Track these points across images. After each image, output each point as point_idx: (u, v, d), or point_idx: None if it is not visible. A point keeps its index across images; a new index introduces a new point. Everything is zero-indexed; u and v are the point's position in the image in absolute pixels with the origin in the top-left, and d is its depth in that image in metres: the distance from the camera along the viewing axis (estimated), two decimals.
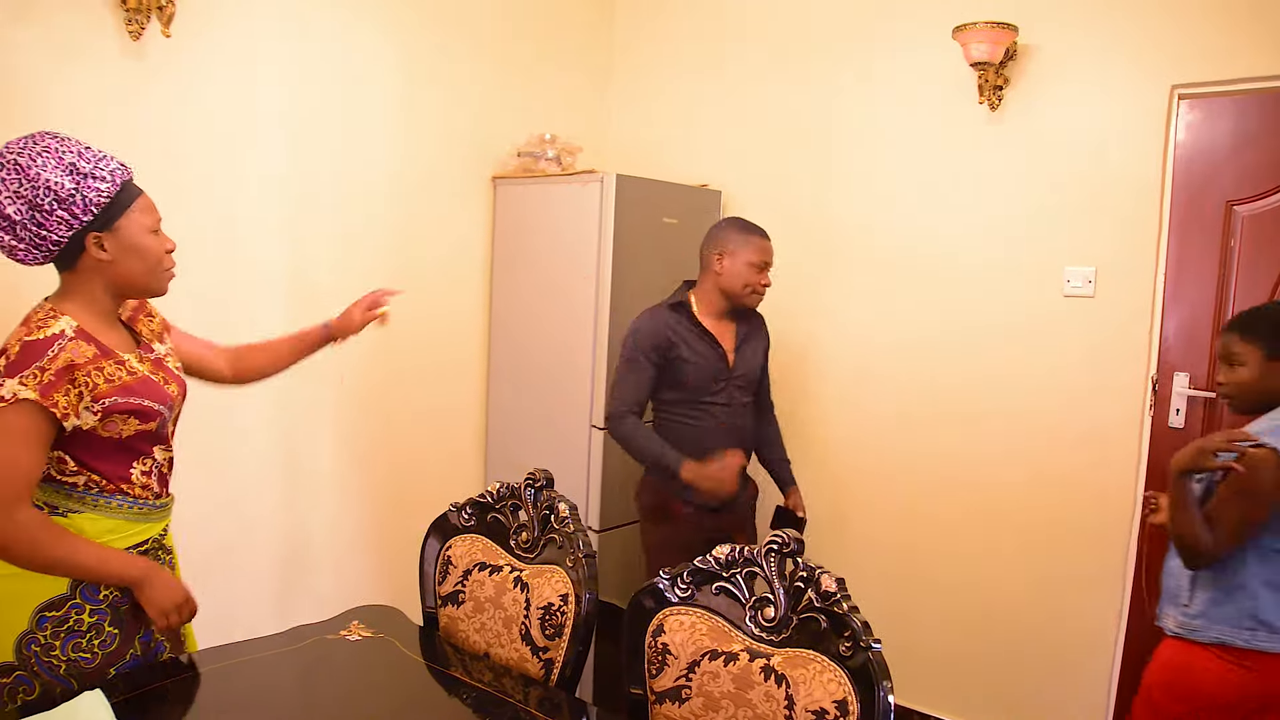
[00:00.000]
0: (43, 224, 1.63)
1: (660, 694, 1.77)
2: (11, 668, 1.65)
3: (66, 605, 1.69)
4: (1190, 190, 2.88)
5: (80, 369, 1.64)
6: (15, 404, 1.57)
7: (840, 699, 1.54)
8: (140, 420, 1.73)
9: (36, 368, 1.59)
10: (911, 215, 3.36)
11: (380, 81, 3.16)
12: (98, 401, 1.66)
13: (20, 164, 1.61)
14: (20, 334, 1.65)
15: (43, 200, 1.61)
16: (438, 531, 2.26)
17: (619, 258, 3.26)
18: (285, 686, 1.89)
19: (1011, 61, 3.10)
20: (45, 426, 1.61)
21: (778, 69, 3.66)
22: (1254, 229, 2.79)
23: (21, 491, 1.60)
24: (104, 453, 1.71)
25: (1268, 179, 2.76)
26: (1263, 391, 2.12)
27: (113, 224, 1.69)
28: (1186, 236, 2.89)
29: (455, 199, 3.47)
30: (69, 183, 1.62)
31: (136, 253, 1.73)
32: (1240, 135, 2.80)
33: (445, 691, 1.93)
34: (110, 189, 1.67)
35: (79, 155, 1.65)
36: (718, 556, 1.74)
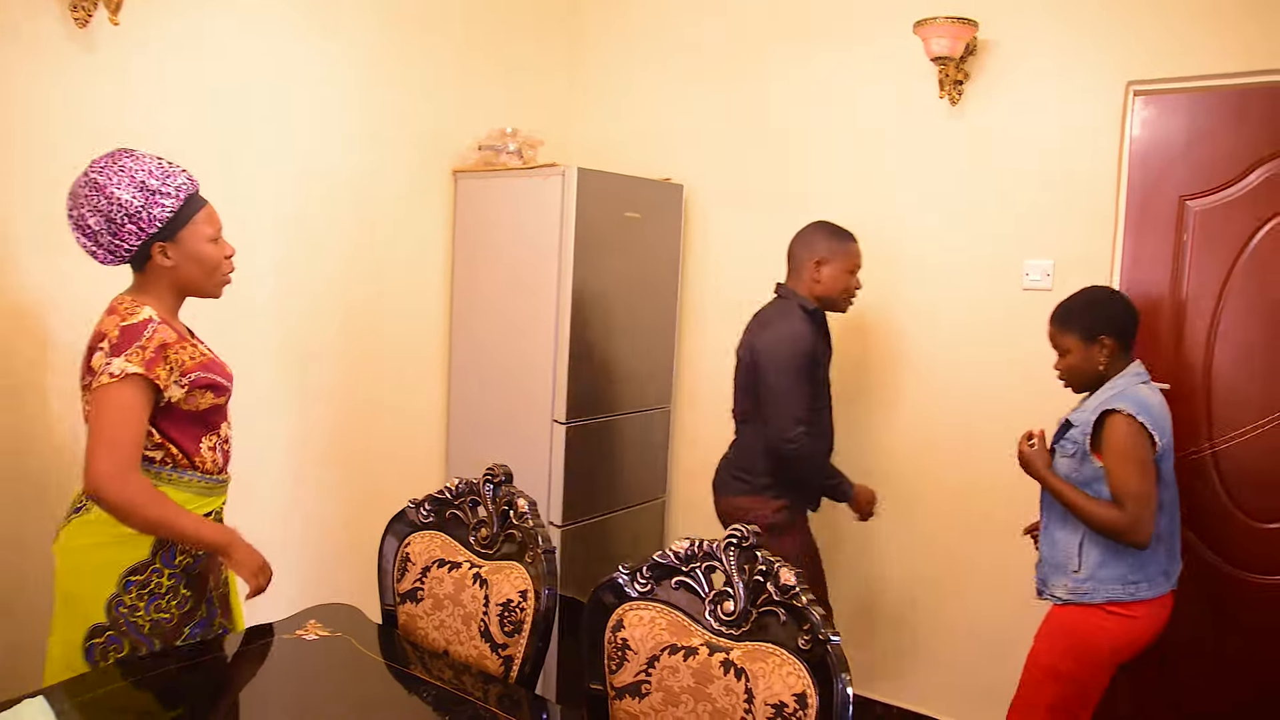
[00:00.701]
0: (116, 234, 1.87)
1: (620, 689, 1.76)
2: (104, 628, 1.87)
3: (148, 570, 1.91)
4: (1145, 185, 2.92)
5: (170, 347, 1.88)
6: (125, 379, 1.80)
7: (799, 692, 1.54)
8: (215, 394, 1.97)
9: (137, 347, 1.83)
10: (873, 209, 3.37)
11: (338, 73, 3.12)
12: (185, 376, 1.90)
13: (98, 182, 1.85)
14: (115, 322, 1.87)
15: (116, 214, 1.85)
16: (396, 528, 2.23)
17: (581, 252, 3.25)
18: (240, 687, 1.87)
19: (972, 56, 3.12)
20: (149, 397, 1.85)
21: (741, 63, 3.65)
22: (1205, 224, 2.83)
23: (135, 458, 1.83)
24: (182, 426, 1.94)
25: (1219, 175, 2.80)
26: (1089, 371, 2.40)
27: (175, 234, 1.92)
28: (1141, 231, 2.93)
29: (415, 193, 3.43)
30: (138, 199, 1.85)
31: (196, 260, 1.96)
32: (1193, 132, 2.84)
33: (405, 690, 1.92)
34: (175, 204, 1.90)
35: (149, 173, 1.88)
36: (677, 551, 1.74)
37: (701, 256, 3.79)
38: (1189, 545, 2.86)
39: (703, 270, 3.79)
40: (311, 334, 3.11)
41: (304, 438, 3.13)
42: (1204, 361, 2.85)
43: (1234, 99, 2.78)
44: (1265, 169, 2.73)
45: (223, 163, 2.81)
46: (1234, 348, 2.81)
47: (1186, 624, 2.66)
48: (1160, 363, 2.90)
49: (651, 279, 3.64)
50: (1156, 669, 2.80)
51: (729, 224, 3.72)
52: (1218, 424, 2.85)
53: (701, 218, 3.78)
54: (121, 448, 1.81)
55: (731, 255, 3.70)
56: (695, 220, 3.80)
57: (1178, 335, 2.89)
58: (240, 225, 2.85)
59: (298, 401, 3.10)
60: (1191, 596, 2.63)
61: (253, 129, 2.89)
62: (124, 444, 1.81)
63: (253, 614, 2.18)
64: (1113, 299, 2.46)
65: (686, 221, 3.79)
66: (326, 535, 3.23)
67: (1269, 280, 2.75)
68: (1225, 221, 2.80)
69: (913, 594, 3.36)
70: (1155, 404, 2.32)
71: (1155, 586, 2.34)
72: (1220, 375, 2.83)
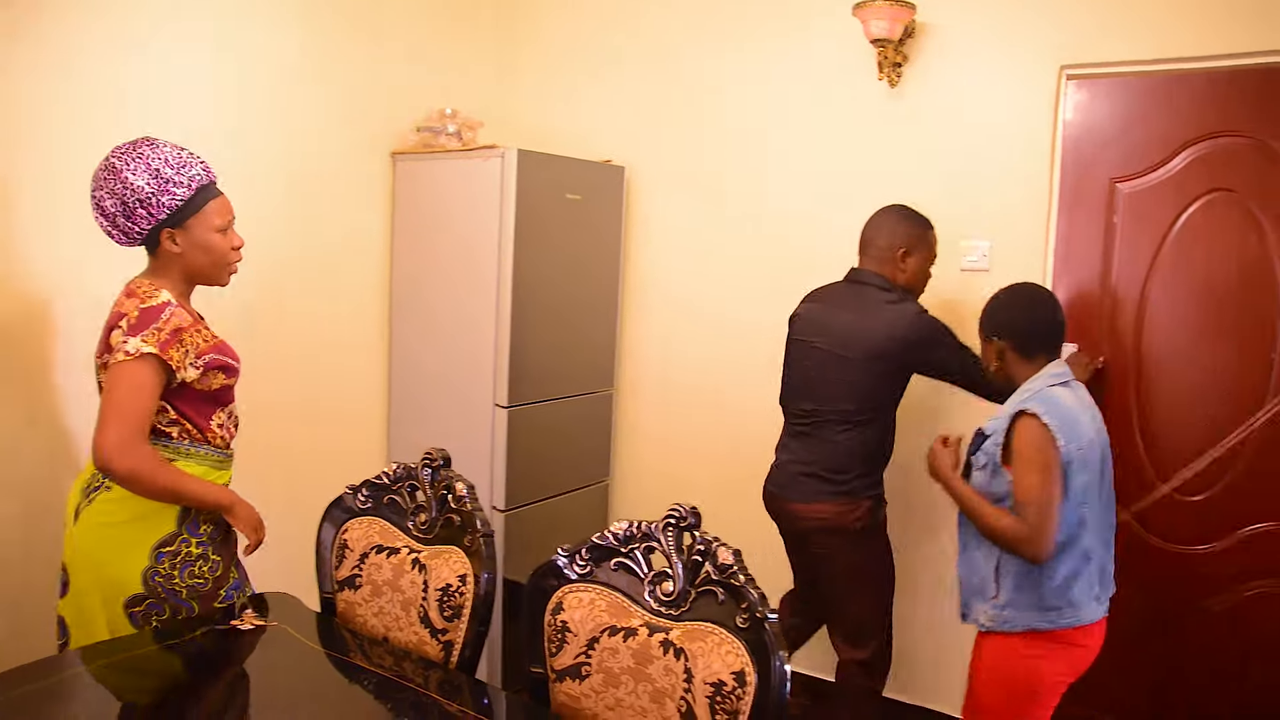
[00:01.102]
0: (129, 217, 1.96)
1: (560, 672, 1.76)
2: (143, 598, 1.97)
3: (177, 540, 2.01)
4: (1078, 167, 2.97)
5: (185, 331, 1.97)
6: (140, 358, 1.90)
7: (738, 670, 1.55)
8: (226, 375, 2.07)
9: (154, 329, 1.92)
10: (813, 190, 3.39)
11: (273, 52, 3.04)
12: (200, 358, 1.99)
13: (116, 166, 1.96)
14: (135, 304, 1.96)
15: (129, 199, 1.94)
16: (334, 515, 2.21)
17: (521, 234, 3.22)
18: (173, 681, 1.83)
19: (910, 39, 3.14)
20: (161, 377, 1.94)
21: (681, 44, 3.64)
22: (1134, 205, 2.89)
23: (144, 428, 1.92)
24: (195, 403, 2.04)
25: (1148, 158, 2.86)
26: (1001, 372, 2.34)
27: (184, 222, 2.01)
28: (1073, 212, 2.98)
29: (353, 175, 3.37)
30: (151, 186, 1.95)
31: (203, 248, 2.05)
32: (1123, 115, 2.90)
33: (345, 678, 1.90)
34: (186, 193, 1.99)
35: (165, 162, 1.98)
36: (615, 532, 1.74)
37: (643, 239, 3.79)
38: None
39: (645, 253, 3.79)
40: (248, 318, 3.03)
41: (240, 424, 3.06)
42: (1134, 340, 2.91)
43: (1162, 84, 2.84)
44: (1190, 152, 2.79)
45: None
46: (1161, 325, 2.87)
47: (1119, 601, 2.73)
48: (1094, 342, 2.97)
49: (593, 262, 3.63)
50: None
51: (671, 206, 3.72)
52: (1144, 399, 2.91)
53: (643, 200, 3.77)
54: (130, 420, 1.89)
55: (673, 237, 3.70)
56: (637, 202, 3.79)
57: (1111, 315, 2.94)
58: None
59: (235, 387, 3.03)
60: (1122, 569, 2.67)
61: (186, 111, 2.81)
62: (132, 417, 1.89)
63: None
64: (1013, 300, 2.33)
65: (628, 204, 3.78)
66: (265, 524, 3.17)
67: (1193, 259, 2.81)
68: (1154, 203, 2.86)
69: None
70: (1069, 406, 2.16)
71: (1081, 613, 2.15)
72: (1149, 352, 2.89)
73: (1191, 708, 2.89)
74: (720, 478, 3.62)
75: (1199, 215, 2.80)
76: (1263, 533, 2.77)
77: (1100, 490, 2.20)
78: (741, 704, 1.53)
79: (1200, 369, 2.83)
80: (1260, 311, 2.74)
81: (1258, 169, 2.71)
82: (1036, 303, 2.32)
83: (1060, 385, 2.21)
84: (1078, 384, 2.27)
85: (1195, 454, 2.84)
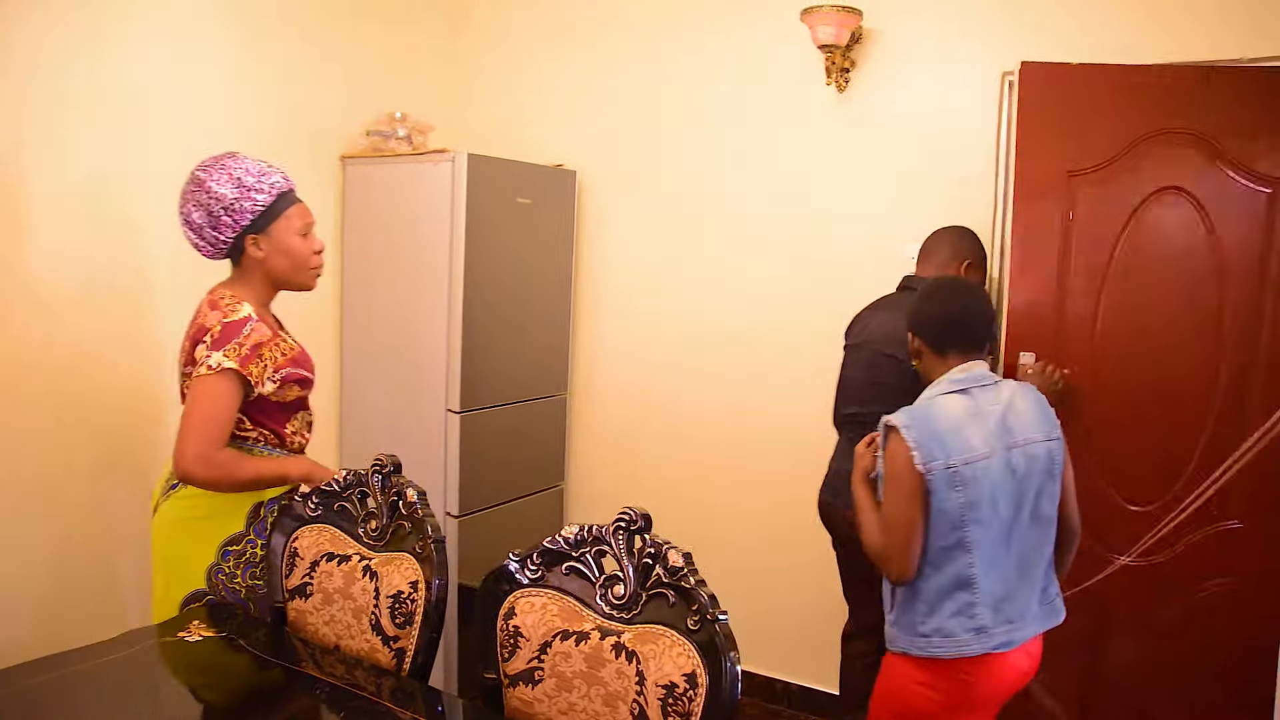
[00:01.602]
0: (215, 226, 2.08)
1: (513, 677, 1.76)
2: (204, 594, 2.10)
3: (244, 540, 2.13)
4: (1024, 169, 2.97)
5: (265, 346, 2.06)
6: (221, 372, 2.00)
7: (689, 671, 1.56)
8: (301, 387, 2.17)
9: (235, 344, 2.01)
10: (764, 194, 3.42)
11: (217, 53, 3.00)
12: (277, 372, 2.08)
13: (201, 179, 2.08)
14: (218, 317, 2.06)
15: (214, 208, 2.06)
16: (284, 523, 2.18)
17: (472, 238, 3.21)
18: (119, 696, 1.77)
19: (858, 45, 3.18)
20: (240, 390, 2.04)
21: (632, 49, 3.66)
22: (1086, 205, 2.83)
23: (221, 438, 2.02)
24: (272, 412, 2.14)
25: (1093, 158, 2.82)
26: (922, 370, 2.18)
27: (266, 227, 2.11)
28: (1023, 212, 2.91)
29: (302, 179, 3.24)
30: (233, 193, 2.06)
31: (285, 252, 2.14)
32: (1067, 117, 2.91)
33: (297, 688, 1.87)
34: (267, 199, 2.09)
35: (246, 171, 2.09)
36: (566, 536, 1.74)
37: (595, 243, 3.79)
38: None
39: (596, 257, 3.79)
40: None
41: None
42: (1088, 341, 2.86)
43: (1105, 87, 2.86)
44: (1138, 150, 2.76)
45: (101, 150, 2.70)
46: (1112, 326, 2.83)
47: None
48: (1045, 344, 2.87)
49: (545, 266, 3.63)
50: None
51: (622, 209, 3.73)
52: (1098, 405, 2.84)
53: (594, 204, 3.78)
54: (209, 432, 1.99)
55: (625, 240, 3.71)
56: (588, 206, 3.79)
57: (1061, 315, 2.89)
58: (122, 213, 2.76)
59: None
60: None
61: (132, 114, 2.76)
62: (212, 428, 2.00)
63: (139, 618, 2.11)
64: (928, 293, 2.20)
65: (579, 208, 3.78)
66: None
67: (1142, 259, 2.79)
68: (1105, 202, 2.82)
69: (809, 570, 3.42)
70: (948, 417, 1.99)
71: (955, 644, 1.96)
72: (1100, 354, 2.85)
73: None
74: (675, 479, 3.64)
75: (1151, 206, 2.78)
76: (1218, 533, 2.76)
77: (997, 513, 1.96)
78: (693, 705, 1.54)
79: (1150, 369, 2.81)
80: (1205, 310, 2.74)
81: (1198, 169, 2.72)
82: (948, 296, 2.16)
83: (954, 392, 2.03)
84: (990, 390, 2.05)
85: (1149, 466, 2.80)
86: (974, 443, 1.96)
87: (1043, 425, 2.06)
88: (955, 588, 1.96)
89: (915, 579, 1.99)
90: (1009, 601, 1.99)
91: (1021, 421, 2.02)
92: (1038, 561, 2.06)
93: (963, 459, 1.94)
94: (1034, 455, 2.01)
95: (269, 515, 2.15)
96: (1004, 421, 2.00)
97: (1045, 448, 2.03)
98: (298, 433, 2.23)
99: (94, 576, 2.77)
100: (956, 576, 1.96)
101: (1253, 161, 2.69)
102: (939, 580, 1.97)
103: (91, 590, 2.75)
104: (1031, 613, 2.04)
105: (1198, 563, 2.79)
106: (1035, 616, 2.06)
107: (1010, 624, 1.99)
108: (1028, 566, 2.04)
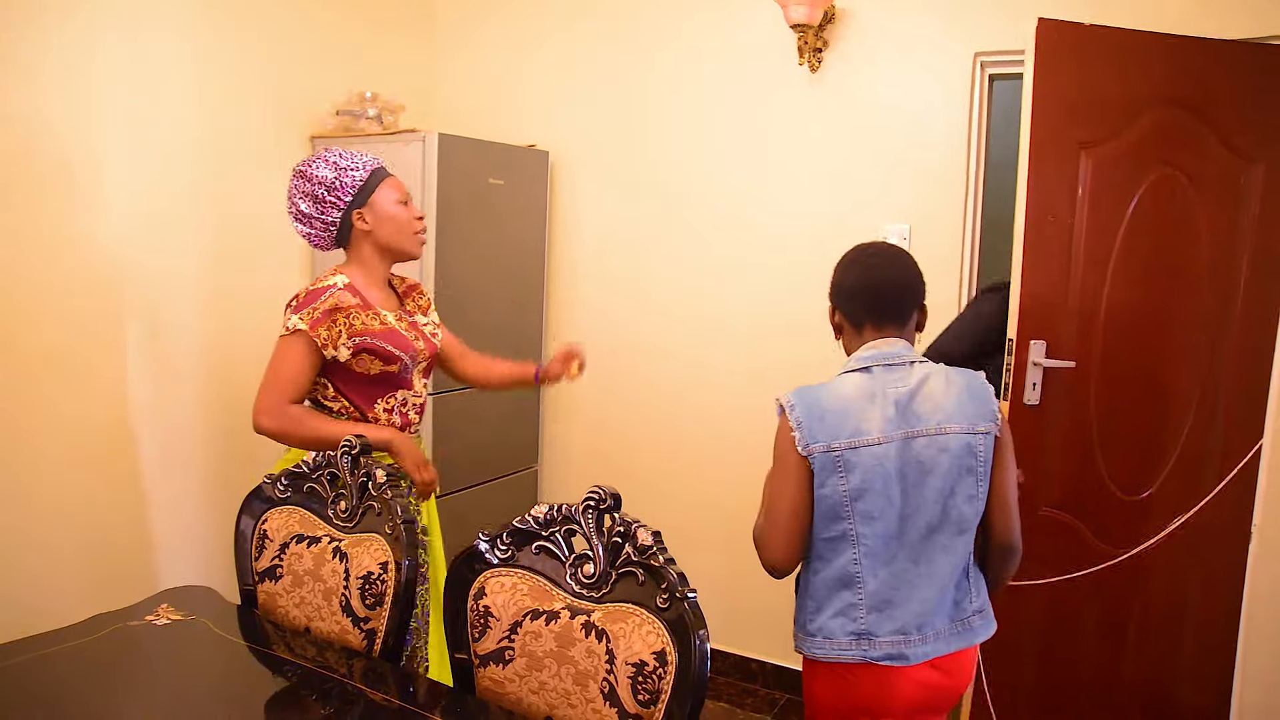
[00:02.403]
0: (323, 211, 2.22)
1: (484, 657, 1.76)
2: None
3: None
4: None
5: (342, 311, 2.17)
6: (293, 333, 2.15)
7: (659, 650, 1.56)
8: (383, 362, 2.22)
9: (310, 308, 2.15)
10: (735, 175, 3.42)
11: (184, 32, 2.95)
12: (351, 339, 2.17)
13: (303, 171, 2.22)
14: (307, 285, 2.24)
15: (318, 191, 2.20)
16: (252, 505, 2.16)
17: (443, 219, 3.19)
18: (84, 682, 1.75)
19: (830, 24, 3.18)
20: (310, 351, 2.16)
21: (603, 29, 3.63)
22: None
23: (291, 393, 2.16)
24: (355, 385, 2.23)
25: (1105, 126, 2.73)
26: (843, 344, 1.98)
27: (368, 200, 2.23)
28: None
29: (271, 160, 3.29)
30: (332, 173, 2.20)
31: (389, 220, 2.26)
32: None
33: (269, 671, 1.86)
34: (362, 175, 2.23)
35: (339, 155, 2.24)
36: (536, 516, 1.73)
37: (568, 224, 3.78)
38: (1070, 529, 2.79)
39: (569, 237, 3.78)
40: (165, 307, 2.97)
41: (158, 414, 2.99)
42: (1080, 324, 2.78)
43: None
44: (1118, 135, 2.78)
45: (66, 135, 2.65)
46: (1097, 309, 2.79)
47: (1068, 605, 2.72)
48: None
49: (517, 247, 3.61)
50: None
51: (594, 190, 3.71)
52: (1103, 394, 2.78)
53: (568, 184, 3.76)
54: (276, 388, 2.15)
55: (598, 221, 3.70)
56: (561, 187, 3.77)
57: None
58: (90, 198, 2.72)
59: (152, 376, 2.96)
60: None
61: (96, 94, 2.72)
62: (279, 384, 2.15)
63: (108, 604, 2.08)
64: (848, 263, 1.96)
65: (552, 188, 3.77)
66: (182, 515, 3.10)
67: (1117, 242, 2.77)
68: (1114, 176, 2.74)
69: None
70: (840, 396, 1.81)
71: (834, 648, 1.80)
72: (1084, 335, 2.77)
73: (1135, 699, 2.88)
74: (649, 459, 3.64)
75: (1147, 198, 2.72)
76: (1194, 523, 2.75)
77: (891, 506, 1.78)
78: (663, 683, 1.54)
79: (1149, 356, 2.76)
80: (1198, 297, 2.71)
81: (1183, 150, 2.67)
82: (865, 264, 1.92)
83: (856, 371, 1.85)
84: (898, 370, 1.83)
85: (1145, 453, 2.77)
86: (865, 426, 1.77)
87: (966, 415, 1.79)
88: (840, 585, 1.80)
89: (805, 572, 1.86)
90: (901, 609, 1.78)
91: (933, 407, 1.79)
92: (948, 569, 1.80)
93: (847, 443, 1.76)
94: (946, 447, 1.77)
95: None
96: (909, 406, 1.78)
97: (964, 440, 1.78)
98: (393, 412, 2.29)
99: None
100: (841, 572, 1.79)
101: (1237, 141, 2.63)
102: (826, 575, 1.81)
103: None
104: (936, 627, 1.80)
105: (1170, 554, 2.78)
106: (943, 633, 1.81)
107: (903, 636, 1.78)
108: (934, 573, 1.79)
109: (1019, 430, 2.27)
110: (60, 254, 2.69)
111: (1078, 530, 2.77)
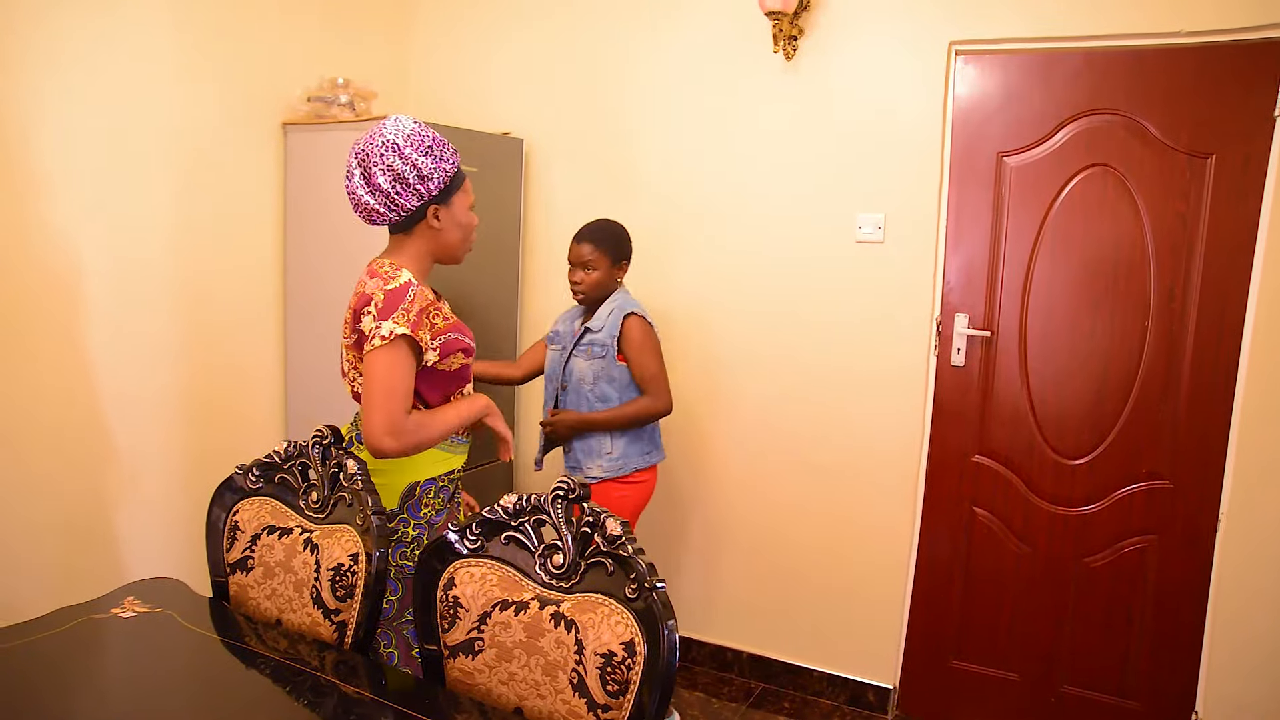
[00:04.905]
0: (401, 194, 2.04)
1: (453, 648, 1.75)
2: None
3: (396, 519, 2.12)
4: (967, 142, 3.04)
5: (426, 311, 2.05)
6: (394, 340, 1.97)
7: (628, 640, 1.56)
8: (465, 355, 2.15)
9: (402, 309, 1.99)
10: (709, 163, 3.41)
11: (153, 16, 2.91)
12: (436, 338, 2.07)
13: (397, 144, 2.00)
14: (379, 285, 2.03)
15: (409, 174, 2.02)
16: (224, 496, 2.14)
17: None
18: (48, 676, 1.71)
19: (805, 12, 3.17)
20: (414, 355, 2.03)
21: (580, 16, 3.61)
22: (1020, 179, 2.97)
23: (406, 405, 2.01)
24: (436, 383, 2.12)
25: (1031, 133, 2.95)
26: (608, 287, 2.88)
27: (449, 199, 2.11)
28: (964, 185, 3.05)
29: (242, 146, 3.26)
30: (429, 163, 2.03)
31: (459, 225, 2.16)
32: (1008, 91, 2.97)
33: (240, 664, 1.83)
34: (451, 171, 2.08)
35: (435, 141, 2.05)
36: (505, 506, 1.73)
37: (543, 212, 3.76)
38: (1009, 483, 3.08)
39: (545, 226, 3.76)
40: (133, 295, 2.93)
41: (128, 404, 2.96)
42: (1020, 309, 3.01)
43: (1044, 62, 2.92)
44: (1071, 128, 2.89)
45: (33, 119, 2.61)
46: (1045, 294, 2.98)
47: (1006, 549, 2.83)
48: (984, 311, 3.05)
49: (492, 236, 3.59)
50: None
51: (569, 178, 3.69)
52: (1031, 368, 3.03)
53: (542, 172, 3.74)
54: (393, 403, 1.97)
55: (573, 208, 3.68)
56: (536, 175, 3.76)
57: (999, 285, 3.03)
58: (62, 184, 2.68)
59: (124, 367, 2.93)
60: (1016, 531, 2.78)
61: (62, 78, 2.68)
62: (395, 399, 1.98)
63: (61, 596, 2.06)
64: (627, 233, 2.94)
65: (527, 177, 3.75)
66: (152, 507, 3.08)
67: (1075, 230, 2.92)
68: (1038, 176, 2.95)
69: (756, 540, 3.46)
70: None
71: (660, 453, 2.99)
72: (1034, 322, 3.00)
73: (1077, 655, 3.04)
74: None
75: (1079, 188, 2.90)
76: (1138, 492, 2.92)
77: None
78: (632, 674, 1.55)
79: (1082, 337, 2.95)
80: (1135, 280, 2.86)
81: (1127, 145, 2.82)
82: (627, 232, 2.99)
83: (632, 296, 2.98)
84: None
85: (1079, 425, 2.99)
86: None
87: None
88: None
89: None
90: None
91: None
92: None
93: None
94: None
95: (423, 495, 2.15)
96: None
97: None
98: None
99: None
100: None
101: (1177, 137, 2.78)
102: None
103: None
104: None
105: (1125, 518, 2.95)
106: None
107: None
108: None
109: (949, 386, 3.15)
110: (22, 239, 2.65)
111: (1008, 479, 3.09)
